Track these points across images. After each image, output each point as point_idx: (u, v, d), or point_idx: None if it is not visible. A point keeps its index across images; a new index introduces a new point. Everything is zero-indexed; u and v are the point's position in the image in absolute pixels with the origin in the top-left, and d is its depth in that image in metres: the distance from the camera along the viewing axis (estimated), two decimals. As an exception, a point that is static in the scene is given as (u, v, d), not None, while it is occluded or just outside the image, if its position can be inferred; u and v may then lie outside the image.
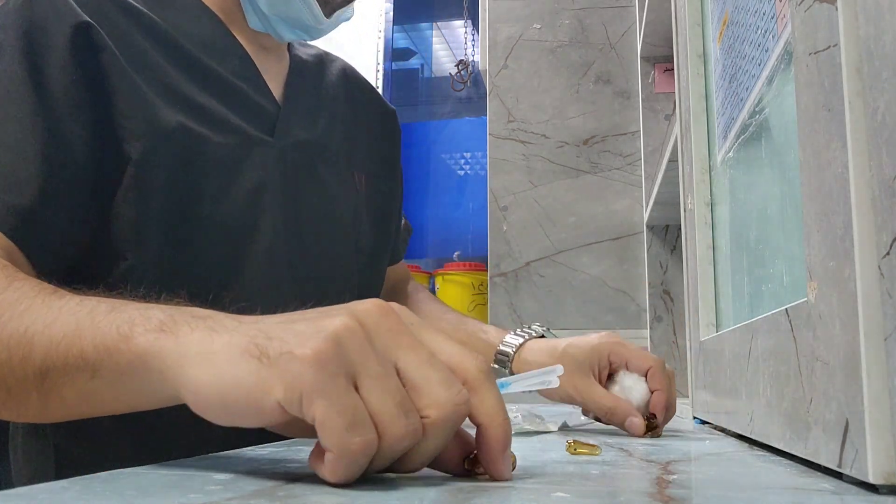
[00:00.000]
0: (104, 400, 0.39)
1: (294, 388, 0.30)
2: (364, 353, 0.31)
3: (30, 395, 0.41)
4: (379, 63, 2.86)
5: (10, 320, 0.42)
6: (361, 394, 0.31)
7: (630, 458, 0.47)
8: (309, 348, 0.30)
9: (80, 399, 0.40)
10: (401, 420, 0.31)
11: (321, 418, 0.30)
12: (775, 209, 0.55)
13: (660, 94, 1.72)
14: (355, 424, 0.30)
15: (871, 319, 0.32)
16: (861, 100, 0.33)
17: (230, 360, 0.32)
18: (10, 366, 0.41)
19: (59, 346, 0.39)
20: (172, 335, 0.35)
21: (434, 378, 0.32)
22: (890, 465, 0.31)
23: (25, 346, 0.40)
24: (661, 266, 1.68)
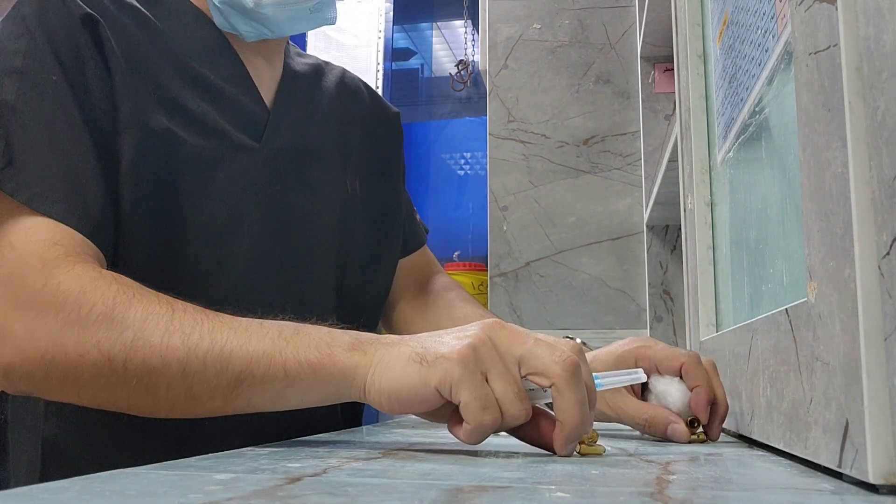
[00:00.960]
0: (289, 402, 0.49)
1: (446, 380, 0.43)
2: (492, 356, 0.44)
3: (213, 399, 0.49)
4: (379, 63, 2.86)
5: (202, 338, 0.49)
6: (491, 385, 0.44)
7: (630, 458, 0.47)
8: (455, 352, 0.44)
9: (269, 401, 0.49)
10: (517, 404, 0.44)
11: (465, 401, 0.43)
12: (775, 209, 0.55)
13: (660, 94, 1.72)
14: (487, 406, 0.43)
15: (871, 319, 0.32)
16: (861, 100, 0.33)
17: (401, 365, 0.45)
18: (203, 376, 0.49)
19: (261, 361, 0.48)
20: (362, 352, 0.47)
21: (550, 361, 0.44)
22: (890, 465, 0.31)
23: (223, 361, 0.48)
24: (661, 266, 1.68)
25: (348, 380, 0.47)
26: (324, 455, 0.45)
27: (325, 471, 0.37)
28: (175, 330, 0.49)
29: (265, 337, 0.49)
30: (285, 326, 0.50)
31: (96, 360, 0.49)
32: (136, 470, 0.36)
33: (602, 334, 1.73)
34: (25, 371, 0.51)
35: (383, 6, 3.23)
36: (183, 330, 0.49)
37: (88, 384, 0.50)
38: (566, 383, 0.44)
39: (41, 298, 0.51)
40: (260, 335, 0.49)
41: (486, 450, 0.50)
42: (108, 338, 0.49)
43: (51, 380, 0.51)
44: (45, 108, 0.56)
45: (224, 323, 0.50)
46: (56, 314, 0.50)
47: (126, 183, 0.60)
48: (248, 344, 0.48)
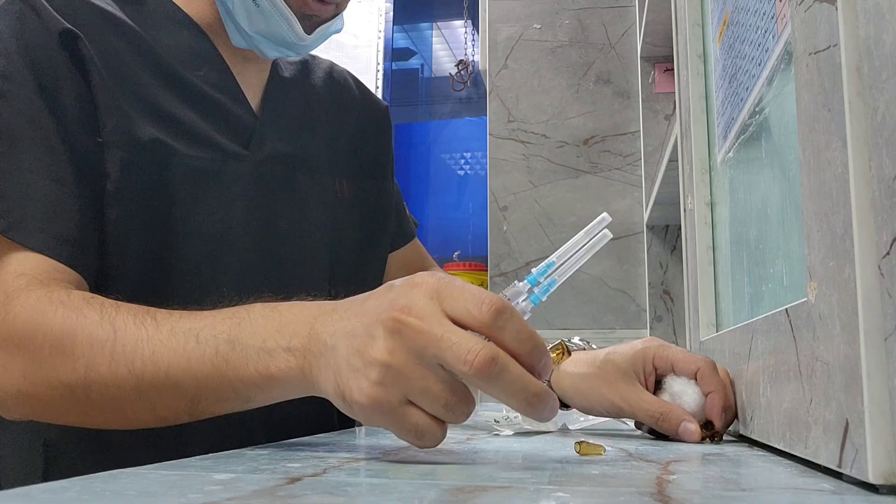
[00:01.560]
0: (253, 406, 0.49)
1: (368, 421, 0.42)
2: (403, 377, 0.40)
3: (179, 416, 0.51)
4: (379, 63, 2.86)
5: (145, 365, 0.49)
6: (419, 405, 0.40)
7: (630, 458, 0.47)
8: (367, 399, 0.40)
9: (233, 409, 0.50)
10: (453, 412, 0.40)
11: (399, 437, 0.42)
12: (775, 209, 0.55)
13: (660, 94, 1.72)
14: (422, 435, 0.41)
15: (871, 319, 0.32)
16: (861, 100, 0.33)
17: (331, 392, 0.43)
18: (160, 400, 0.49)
19: (208, 384, 0.48)
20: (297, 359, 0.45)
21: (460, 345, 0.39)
22: (890, 465, 0.31)
23: (172, 387, 0.48)
24: (661, 266, 1.68)
25: (294, 385, 0.46)
26: (324, 455, 0.45)
27: (325, 471, 0.37)
28: (118, 359, 0.49)
29: (204, 358, 0.48)
30: (220, 340, 0.48)
31: (63, 393, 0.50)
32: (136, 470, 0.36)
33: (602, 334, 1.73)
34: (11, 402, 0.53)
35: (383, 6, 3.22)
36: (126, 358, 0.49)
37: (65, 411, 0.52)
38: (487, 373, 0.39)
39: (3, 334, 0.52)
40: (199, 357, 0.48)
41: (486, 450, 0.50)
42: (64, 371, 0.50)
43: (34, 409, 0.53)
44: (24, 132, 0.56)
45: (163, 342, 0.49)
46: (18, 350, 0.51)
47: (114, 198, 0.59)
48: (190, 368, 0.48)
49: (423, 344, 0.39)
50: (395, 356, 0.39)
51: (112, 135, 0.60)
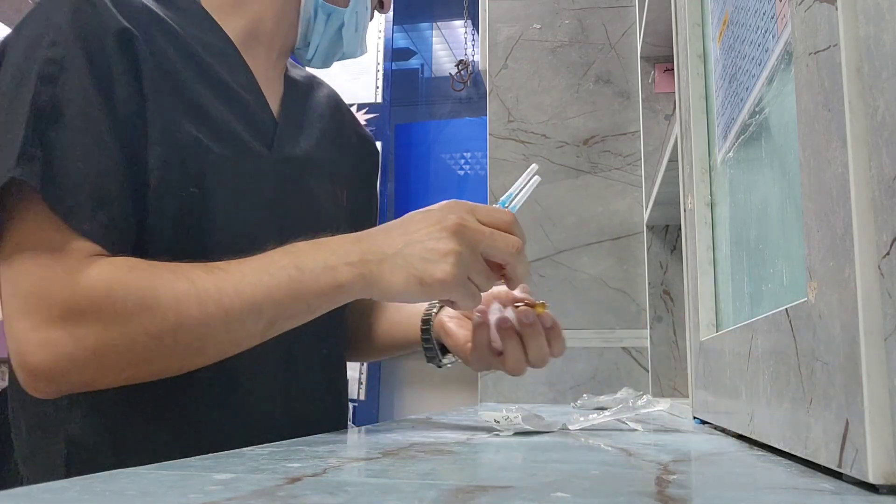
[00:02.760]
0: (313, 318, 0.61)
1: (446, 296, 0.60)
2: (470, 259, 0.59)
3: (253, 340, 0.59)
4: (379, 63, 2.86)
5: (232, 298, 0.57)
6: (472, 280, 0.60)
7: (630, 457, 0.47)
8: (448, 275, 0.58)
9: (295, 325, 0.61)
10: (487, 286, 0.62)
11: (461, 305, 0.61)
12: (775, 209, 0.55)
13: (660, 94, 1.72)
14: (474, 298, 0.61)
15: (871, 319, 0.32)
16: (861, 100, 0.33)
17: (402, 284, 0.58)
18: (243, 328, 0.58)
19: (286, 303, 0.58)
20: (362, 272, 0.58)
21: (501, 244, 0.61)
22: (890, 465, 0.31)
23: (256, 312, 0.57)
24: (661, 266, 1.68)
25: (356, 293, 0.59)
26: (324, 455, 0.45)
27: (325, 471, 0.37)
28: (205, 300, 0.56)
29: (281, 285, 0.58)
30: (288, 268, 0.58)
31: (147, 343, 0.55)
32: (136, 470, 0.36)
33: (602, 334, 1.73)
34: (74, 373, 0.55)
35: (383, 6, 3.20)
36: (212, 297, 0.56)
37: (141, 364, 0.56)
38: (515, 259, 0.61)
39: (73, 304, 0.54)
40: (276, 285, 0.57)
41: (486, 450, 0.50)
42: (152, 323, 0.55)
43: (104, 373, 0.56)
44: (79, 121, 0.58)
45: (241, 279, 0.57)
46: (94, 315, 0.54)
47: (154, 193, 0.62)
48: (270, 294, 0.57)
49: (478, 239, 0.59)
50: (461, 248, 0.57)
51: (158, 134, 0.63)
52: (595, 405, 1.02)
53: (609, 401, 0.99)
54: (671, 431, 0.73)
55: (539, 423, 0.65)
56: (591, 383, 1.70)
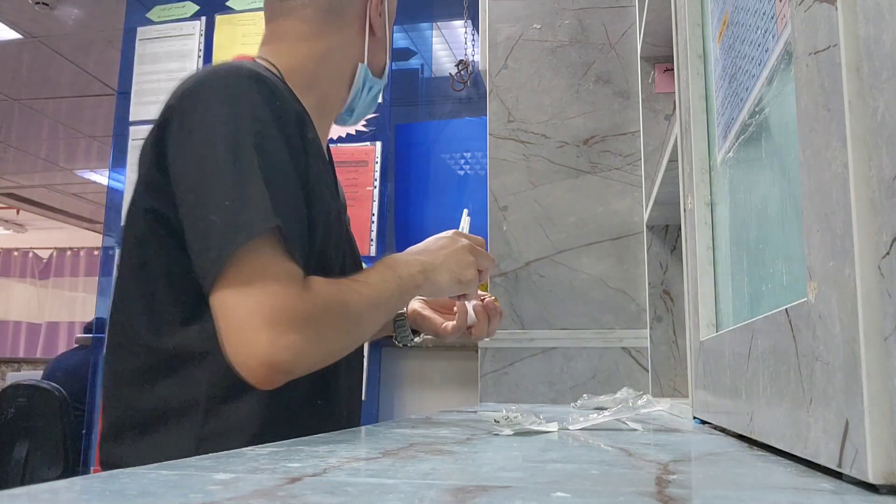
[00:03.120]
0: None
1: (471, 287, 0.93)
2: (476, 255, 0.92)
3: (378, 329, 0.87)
4: (379, 63, 2.85)
5: (377, 300, 0.79)
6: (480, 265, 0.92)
7: (630, 457, 0.47)
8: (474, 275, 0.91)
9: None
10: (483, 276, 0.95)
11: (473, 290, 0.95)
12: (775, 209, 0.55)
13: (660, 94, 1.72)
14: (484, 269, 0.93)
15: (871, 319, 0.32)
16: (861, 100, 0.33)
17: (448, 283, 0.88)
18: (378, 321, 0.81)
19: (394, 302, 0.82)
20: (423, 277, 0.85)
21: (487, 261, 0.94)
22: (890, 465, 0.31)
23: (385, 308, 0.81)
24: (661, 266, 1.68)
25: (423, 292, 0.87)
26: (324, 455, 0.45)
27: (325, 471, 0.37)
28: (366, 301, 0.78)
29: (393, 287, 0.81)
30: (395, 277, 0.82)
31: (343, 338, 0.77)
32: (135, 470, 0.36)
33: (602, 334, 1.73)
34: (306, 366, 0.73)
35: (383, 6, 3.19)
36: (367, 300, 0.78)
37: (337, 353, 0.78)
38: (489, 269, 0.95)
39: (306, 315, 0.71)
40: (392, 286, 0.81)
41: (486, 450, 0.50)
42: (347, 320, 0.76)
43: (322, 361, 0.76)
44: (282, 178, 0.74)
45: (376, 285, 0.79)
46: (323, 321, 0.72)
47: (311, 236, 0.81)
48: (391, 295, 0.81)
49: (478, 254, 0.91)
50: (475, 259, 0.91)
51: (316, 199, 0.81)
52: (595, 405, 1.02)
53: (609, 401, 0.99)
54: (671, 431, 0.73)
55: (538, 423, 0.65)
56: (591, 383, 1.70)
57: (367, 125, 2.50)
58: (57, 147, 5.65)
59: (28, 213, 7.38)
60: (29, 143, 5.58)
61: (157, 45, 2.54)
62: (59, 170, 6.14)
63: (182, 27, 2.56)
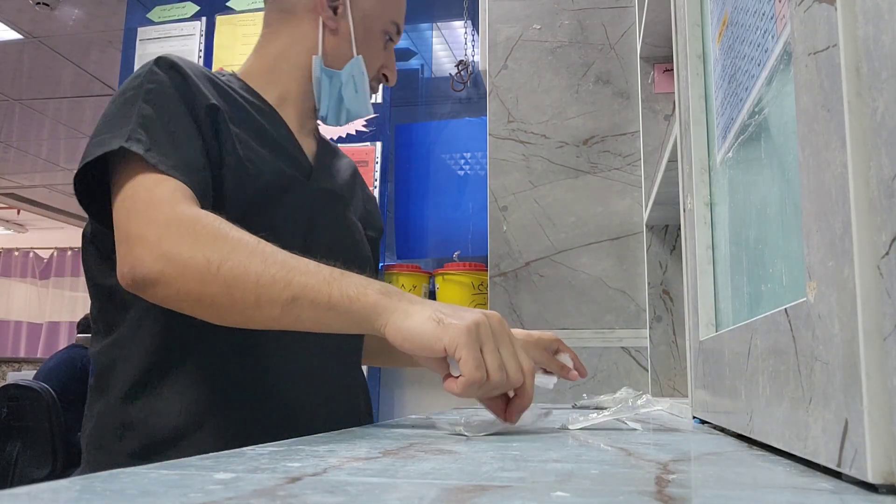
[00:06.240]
0: (328, 325, 0.67)
1: (453, 341, 0.60)
2: (488, 335, 0.62)
3: (273, 308, 0.67)
4: (379, 63, 2.85)
5: (274, 264, 0.67)
6: (483, 355, 0.61)
7: (630, 457, 0.47)
8: (464, 324, 0.61)
9: (313, 321, 0.67)
10: (498, 373, 0.61)
11: (464, 358, 0.60)
12: (775, 209, 0.55)
13: (659, 95, 1.72)
14: (478, 367, 0.60)
15: (871, 319, 0.32)
16: (860, 100, 0.33)
17: (421, 319, 0.62)
18: (270, 289, 0.66)
19: (313, 287, 0.66)
20: (389, 299, 0.64)
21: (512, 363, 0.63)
22: (889, 465, 0.31)
23: (286, 282, 0.66)
24: (661, 266, 1.68)
25: (375, 315, 0.64)
26: (324, 455, 0.45)
27: (325, 470, 0.37)
28: (257, 255, 0.68)
29: (319, 273, 0.67)
30: (334, 269, 0.68)
31: (200, 263, 0.68)
32: (135, 470, 0.36)
33: (602, 334, 1.73)
34: (149, 267, 0.69)
35: (383, 6, 3.18)
36: (262, 255, 0.68)
37: (190, 282, 0.68)
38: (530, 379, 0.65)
39: (168, 219, 0.70)
40: (316, 271, 0.67)
41: (486, 450, 0.50)
42: (211, 249, 0.68)
43: (164, 277, 0.69)
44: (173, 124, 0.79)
45: (291, 258, 0.68)
46: (178, 230, 0.70)
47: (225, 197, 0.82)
48: (307, 276, 0.66)
49: (503, 333, 0.63)
50: (485, 323, 0.62)
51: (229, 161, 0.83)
52: (595, 405, 1.02)
53: (609, 400, 0.99)
54: (671, 431, 0.73)
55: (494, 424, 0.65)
56: (591, 383, 1.70)
57: (368, 125, 2.50)
58: (57, 147, 5.65)
59: (28, 213, 7.38)
60: (29, 143, 5.58)
61: (158, 46, 2.54)
62: (59, 170, 6.14)
63: (182, 27, 2.56)
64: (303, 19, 0.99)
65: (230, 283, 0.67)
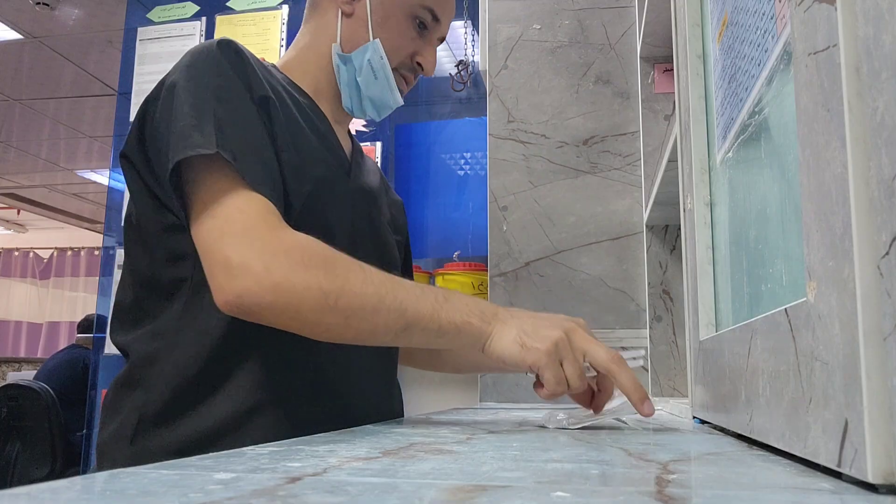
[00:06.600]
0: (437, 345, 0.74)
1: (536, 363, 0.71)
2: (567, 350, 0.72)
3: (387, 336, 0.72)
4: (379, 63, 2.84)
5: (387, 292, 0.71)
6: (564, 369, 0.72)
7: (630, 457, 0.47)
8: (545, 347, 0.71)
9: (423, 343, 0.73)
10: (577, 382, 0.72)
11: (546, 378, 0.71)
12: (775, 209, 0.55)
13: (659, 95, 1.72)
14: (559, 383, 0.71)
15: (871, 319, 0.32)
16: (860, 100, 0.33)
17: (509, 342, 0.72)
18: (385, 318, 0.71)
19: (424, 315, 0.71)
20: (487, 324, 0.73)
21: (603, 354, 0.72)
22: (889, 465, 0.31)
23: (400, 311, 0.71)
24: (661, 266, 1.68)
25: (475, 339, 0.73)
26: (324, 455, 0.45)
27: (326, 470, 0.37)
28: (369, 280, 0.71)
29: (427, 299, 0.72)
30: (439, 293, 0.73)
31: (316, 295, 0.69)
32: (136, 469, 0.36)
33: (602, 334, 1.73)
34: (259, 296, 0.69)
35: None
36: (374, 286, 0.71)
37: (306, 312, 0.69)
38: (617, 368, 0.72)
39: (272, 246, 0.70)
40: (423, 297, 0.72)
41: (486, 450, 0.50)
42: (326, 280, 0.69)
43: (275, 306, 0.69)
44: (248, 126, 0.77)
45: (399, 283, 0.73)
46: (286, 259, 0.70)
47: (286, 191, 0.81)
48: (418, 304, 0.71)
49: (583, 340, 0.73)
50: (565, 337, 0.72)
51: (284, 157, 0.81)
52: None
53: None
54: (671, 431, 0.73)
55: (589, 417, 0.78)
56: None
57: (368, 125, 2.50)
58: (58, 147, 5.65)
59: (29, 213, 7.38)
60: (29, 143, 5.58)
61: (158, 46, 2.54)
62: (59, 170, 6.14)
63: (182, 27, 2.56)
64: (327, 8, 0.99)
65: (348, 315, 0.70)
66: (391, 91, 0.99)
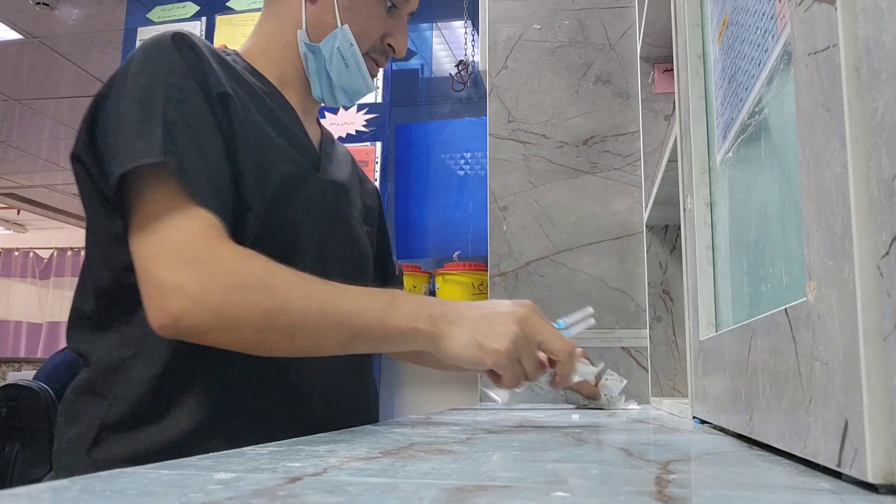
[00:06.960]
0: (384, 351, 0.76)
1: (496, 365, 0.70)
2: (525, 346, 0.71)
3: (333, 348, 0.71)
4: (379, 63, 2.84)
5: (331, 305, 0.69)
6: (522, 364, 0.71)
7: (630, 457, 0.47)
8: (503, 348, 0.69)
9: (370, 351, 0.73)
10: (534, 374, 0.72)
11: (506, 377, 0.71)
12: (775, 209, 0.55)
13: (659, 95, 1.72)
14: (518, 378, 0.71)
15: (871, 319, 0.32)
16: (860, 100, 0.33)
17: (464, 344, 0.70)
18: (330, 332, 0.69)
19: (369, 325, 0.70)
20: (437, 327, 0.71)
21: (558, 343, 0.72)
22: (889, 465, 0.31)
23: (345, 324, 0.69)
24: (661, 266, 1.68)
25: (426, 344, 0.71)
26: (324, 455, 0.45)
27: (326, 470, 0.37)
28: (312, 297, 0.69)
29: (373, 310, 0.70)
30: (383, 301, 0.71)
31: (256, 315, 0.67)
32: (136, 469, 0.36)
33: (602, 334, 1.73)
34: (196, 319, 0.67)
35: (383, 6, 3.18)
36: (317, 297, 0.69)
37: (248, 332, 0.68)
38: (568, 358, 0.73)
39: (210, 265, 0.68)
40: (369, 308, 0.70)
41: (486, 450, 0.50)
42: (265, 299, 0.67)
43: (215, 329, 0.67)
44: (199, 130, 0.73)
45: (343, 293, 0.70)
46: (223, 280, 0.67)
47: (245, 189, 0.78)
48: (363, 313, 0.70)
49: (538, 331, 0.72)
50: (521, 332, 0.70)
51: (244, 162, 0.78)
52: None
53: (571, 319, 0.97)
54: (671, 431, 0.73)
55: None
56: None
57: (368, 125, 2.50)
58: (57, 147, 5.65)
59: (29, 213, 7.38)
60: (29, 143, 5.58)
61: (158, 46, 2.54)
62: (59, 170, 6.14)
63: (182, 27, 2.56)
64: None
65: (292, 332, 0.68)
66: (363, 78, 0.95)
